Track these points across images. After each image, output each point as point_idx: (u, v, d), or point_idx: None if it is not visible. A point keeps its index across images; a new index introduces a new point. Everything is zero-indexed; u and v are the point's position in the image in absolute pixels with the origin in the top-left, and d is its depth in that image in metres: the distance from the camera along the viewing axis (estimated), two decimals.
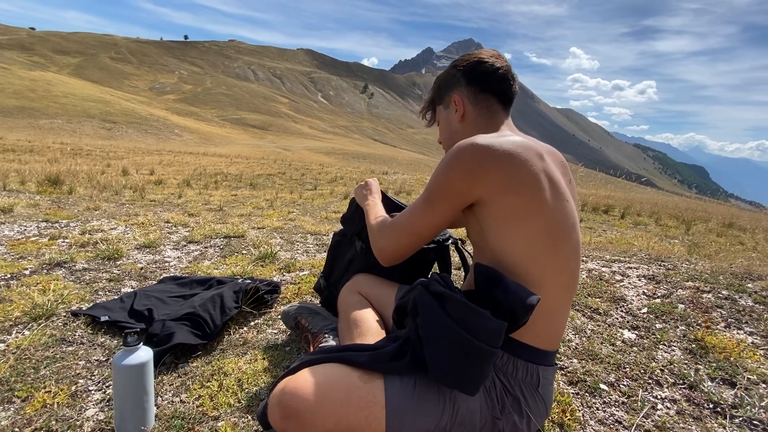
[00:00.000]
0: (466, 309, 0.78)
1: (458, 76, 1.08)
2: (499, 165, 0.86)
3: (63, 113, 46.93)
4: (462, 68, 1.07)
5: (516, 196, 0.86)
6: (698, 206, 10.33)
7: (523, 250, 0.87)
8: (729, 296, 1.94)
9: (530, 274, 0.87)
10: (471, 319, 0.77)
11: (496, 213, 0.88)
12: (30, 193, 4.86)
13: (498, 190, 0.87)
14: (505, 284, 0.82)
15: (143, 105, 77.45)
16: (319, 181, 10.49)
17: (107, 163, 11.03)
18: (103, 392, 1.22)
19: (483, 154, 0.87)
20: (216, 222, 3.55)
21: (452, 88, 1.09)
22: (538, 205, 0.87)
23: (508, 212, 0.87)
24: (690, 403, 1.23)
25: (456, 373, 0.78)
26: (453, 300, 0.80)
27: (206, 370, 1.31)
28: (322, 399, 0.78)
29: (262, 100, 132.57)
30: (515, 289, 0.81)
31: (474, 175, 0.87)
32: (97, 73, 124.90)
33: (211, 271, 2.24)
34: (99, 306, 1.69)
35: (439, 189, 0.92)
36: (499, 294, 0.82)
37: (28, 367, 1.30)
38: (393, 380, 0.83)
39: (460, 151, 0.89)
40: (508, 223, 0.88)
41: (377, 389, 0.81)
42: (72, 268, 2.14)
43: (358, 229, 1.44)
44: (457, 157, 0.89)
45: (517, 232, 0.87)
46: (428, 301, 0.82)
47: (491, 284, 0.84)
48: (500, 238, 0.89)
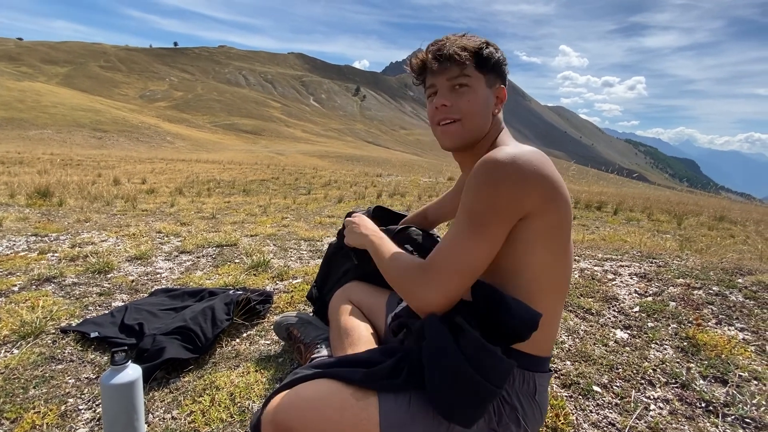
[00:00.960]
0: (482, 348, 0.76)
1: (506, 71, 0.98)
2: (542, 177, 0.82)
3: (53, 123, 46.49)
4: (505, 62, 0.98)
5: (555, 210, 0.83)
6: (690, 200, 10.44)
7: (543, 264, 0.85)
8: (720, 292, 1.96)
9: (542, 286, 0.87)
10: (484, 359, 0.76)
11: (537, 227, 0.82)
12: (19, 206, 4.80)
13: (541, 203, 0.81)
14: (507, 305, 0.80)
15: (134, 113, 76.95)
16: (313, 186, 10.46)
17: (98, 172, 10.94)
18: (93, 411, 1.20)
19: (528, 166, 0.81)
20: (208, 230, 3.52)
21: (503, 78, 0.98)
22: (568, 219, 0.86)
23: (546, 227, 0.83)
24: (682, 402, 1.24)
25: (457, 408, 0.77)
26: (471, 337, 0.77)
27: (198, 385, 1.30)
28: (315, 417, 0.78)
29: (254, 105, 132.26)
30: (518, 310, 0.80)
31: (523, 189, 0.80)
32: (87, 82, 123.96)
33: (203, 282, 2.22)
34: (89, 321, 1.67)
35: (488, 210, 0.80)
36: (502, 315, 0.81)
37: (17, 387, 1.28)
38: (387, 398, 0.81)
39: (499, 164, 0.81)
40: (542, 238, 0.83)
41: (371, 407, 0.80)
42: (61, 283, 2.12)
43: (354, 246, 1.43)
44: (500, 170, 0.80)
45: (547, 247, 0.84)
46: (440, 331, 0.78)
47: (492, 304, 0.82)
48: (527, 254, 0.84)
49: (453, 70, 0.93)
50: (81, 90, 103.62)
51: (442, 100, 0.95)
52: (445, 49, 0.93)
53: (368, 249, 1.04)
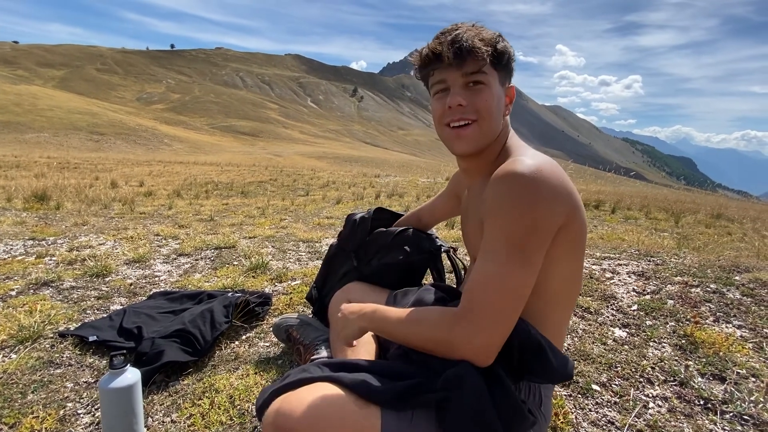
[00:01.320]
0: (517, 409, 0.75)
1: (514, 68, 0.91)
2: (567, 188, 0.79)
3: (49, 127, 46.35)
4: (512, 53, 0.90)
5: (578, 220, 0.81)
6: (687, 198, 10.47)
7: (563, 277, 0.83)
8: (717, 290, 1.97)
9: (560, 299, 0.85)
10: (513, 415, 0.75)
11: (562, 241, 0.79)
12: (16, 210, 4.79)
13: (568, 217, 0.78)
14: (546, 357, 0.79)
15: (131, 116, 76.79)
16: (311, 187, 10.46)
17: (95, 175, 10.91)
18: (93, 415, 1.20)
19: (554, 177, 0.77)
20: (207, 233, 3.52)
21: (512, 75, 0.93)
22: (584, 226, 0.83)
23: (570, 238, 0.80)
24: (681, 400, 1.24)
25: None
26: (508, 393, 0.75)
27: (197, 388, 1.30)
28: (317, 423, 0.76)
29: (252, 106, 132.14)
30: (555, 363, 0.79)
31: (558, 203, 0.76)
32: (83, 84, 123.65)
33: (201, 285, 2.21)
34: (87, 325, 1.66)
35: (528, 232, 0.74)
36: (537, 366, 0.79)
37: (15, 392, 1.28)
38: (390, 412, 0.79)
39: (528, 180, 0.75)
40: (564, 250, 0.80)
41: (373, 416, 0.78)
42: (59, 287, 2.11)
43: (355, 247, 1.44)
44: (531, 186, 0.74)
45: (569, 259, 0.82)
46: (479, 389, 0.74)
47: (528, 351, 0.79)
48: (550, 268, 0.80)
49: (470, 65, 0.83)
50: (77, 93, 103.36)
51: (458, 99, 0.85)
52: (463, 41, 0.82)
53: (375, 328, 0.90)
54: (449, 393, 0.74)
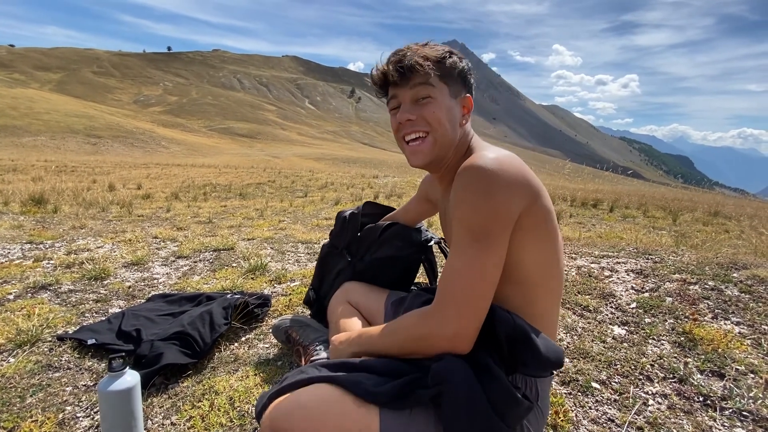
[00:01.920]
0: (510, 396, 0.76)
1: (471, 78, 0.97)
2: (526, 177, 0.83)
3: (46, 130, 46.22)
4: (470, 72, 0.97)
5: (540, 207, 0.85)
6: (684, 196, 10.50)
7: (536, 260, 0.86)
8: (715, 287, 1.97)
9: (538, 286, 0.87)
10: (508, 404, 0.76)
11: (526, 227, 0.83)
12: (14, 214, 4.77)
13: (528, 204, 0.83)
14: (534, 346, 0.80)
15: (128, 118, 76.62)
16: (310, 188, 10.45)
17: (93, 179, 10.88)
18: (92, 418, 1.19)
19: (511, 167, 0.81)
20: (205, 235, 3.51)
21: (469, 87, 0.97)
22: (551, 214, 0.87)
23: (534, 223, 0.84)
24: (680, 397, 1.24)
25: None
26: (501, 384, 0.76)
27: (197, 390, 1.29)
28: (315, 424, 0.76)
29: (249, 108, 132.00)
30: (545, 351, 0.80)
31: (516, 191, 0.80)
32: (80, 88, 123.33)
33: (200, 287, 2.21)
34: (86, 329, 1.66)
35: (489, 220, 0.79)
36: (528, 356, 0.80)
37: (14, 396, 1.27)
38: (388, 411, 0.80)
39: (486, 171, 0.79)
40: (531, 235, 0.84)
41: (371, 415, 0.78)
42: (57, 290, 2.10)
43: (346, 243, 1.44)
44: (489, 176, 0.79)
45: (538, 244, 0.85)
46: (469, 379, 0.76)
47: (517, 341, 0.81)
48: (518, 254, 0.84)
49: (415, 81, 0.90)
50: (74, 96, 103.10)
51: (405, 115, 0.92)
52: (406, 60, 0.89)
53: (364, 350, 0.94)
54: (440, 387, 0.76)
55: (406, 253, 1.36)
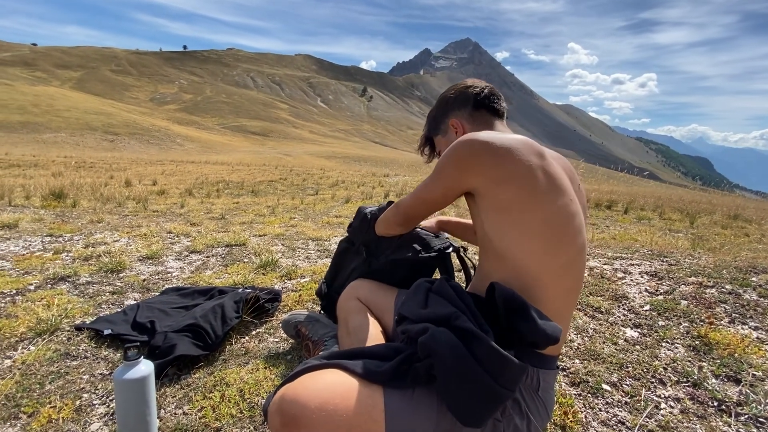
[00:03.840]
0: (496, 355, 0.77)
1: (450, 103, 1.18)
2: (494, 157, 0.91)
3: (66, 127, 47.37)
4: (452, 96, 1.18)
5: (510, 187, 0.89)
6: (702, 198, 10.26)
7: (522, 245, 0.89)
8: (733, 291, 1.93)
9: (531, 271, 0.88)
10: (497, 365, 0.77)
11: (491, 203, 0.92)
12: (35, 208, 4.91)
13: (492, 180, 0.91)
14: (530, 316, 0.81)
15: (145, 116, 78.06)
16: (321, 186, 10.51)
17: (110, 174, 11.12)
18: (107, 406, 1.23)
19: (480, 146, 0.93)
20: (218, 231, 3.56)
21: (447, 115, 1.19)
22: (533, 198, 0.89)
23: (502, 203, 0.91)
24: (694, 401, 1.22)
25: (470, 410, 0.78)
26: (485, 344, 0.78)
27: (208, 381, 1.32)
28: (321, 405, 0.78)
29: (262, 106, 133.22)
30: (541, 323, 0.81)
31: (466, 164, 0.94)
32: (99, 86, 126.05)
33: (212, 281, 2.25)
34: (102, 319, 1.70)
35: (439, 171, 1.01)
36: (523, 325, 0.81)
37: (34, 383, 1.31)
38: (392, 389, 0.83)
39: (459, 143, 0.96)
40: (503, 214, 0.91)
41: (376, 393, 0.81)
42: (76, 281, 2.16)
43: (365, 240, 1.44)
44: (456, 148, 0.96)
45: (514, 225, 0.90)
46: (452, 343, 0.78)
47: (514, 312, 0.83)
48: (498, 231, 0.91)
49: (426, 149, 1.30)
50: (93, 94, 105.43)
51: None
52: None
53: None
54: (430, 360, 0.79)
55: (423, 258, 1.36)
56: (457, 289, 0.90)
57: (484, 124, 1.14)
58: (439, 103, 1.22)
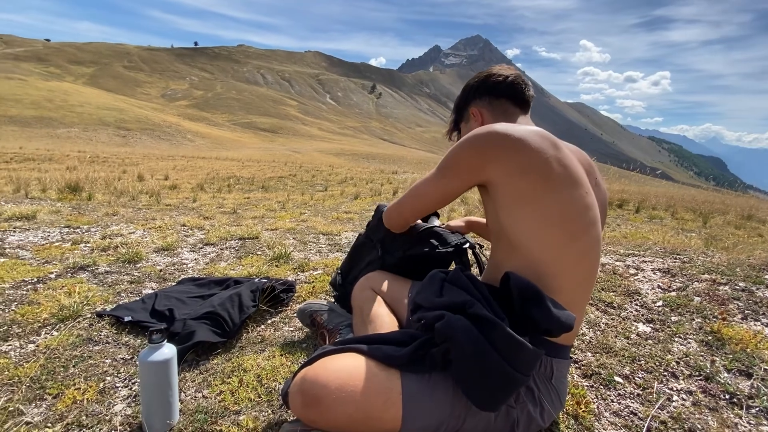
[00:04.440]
0: (512, 341, 0.79)
1: (472, 92, 1.18)
2: (510, 146, 0.91)
3: (79, 122, 48.09)
4: (474, 84, 1.18)
5: (527, 178, 0.89)
6: (716, 198, 10.10)
7: (537, 236, 0.89)
8: (746, 288, 1.92)
9: (545, 262, 0.89)
10: (513, 350, 0.78)
11: (508, 194, 0.92)
12: (51, 201, 5.01)
13: (508, 172, 0.91)
14: (545, 304, 0.83)
15: (156, 112, 78.89)
16: (330, 183, 10.56)
17: (123, 169, 11.29)
18: (130, 389, 1.27)
19: (496, 136, 0.93)
20: (230, 224, 3.61)
21: (469, 103, 1.19)
22: (548, 189, 0.89)
23: (519, 194, 0.90)
24: (706, 394, 1.23)
25: (486, 394, 0.80)
26: (501, 330, 0.79)
27: (226, 367, 1.35)
28: (341, 386, 0.81)
29: (272, 103, 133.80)
30: (555, 311, 0.82)
31: (485, 154, 0.93)
32: (111, 81, 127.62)
33: (227, 272, 2.29)
34: (122, 307, 1.75)
35: (450, 162, 0.99)
36: (537, 312, 0.83)
37: (58, 366, 1.36)
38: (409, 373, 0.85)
39: (475, 133, 0.96)
40: (519, 204, 0.91)
41: (394, 376, 0.84)
42: (95, 271, 2.22)
43: (381, 237, 1.46)
44: (472, 138, 0.95)
45: (530, 215, 0.90)
46: (468, 329, 0.80)
47: (529, 300, 0.84)
48: (514, 222, 0.91)
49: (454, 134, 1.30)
50: (106, 89, 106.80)
51: None
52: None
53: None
54: (446, 345, 0.81)
55: (439, 254, 1.37)
56: (472, 278, 0.92)
57: (503, 114, 1.13)
58: (463, 91, 1.22)
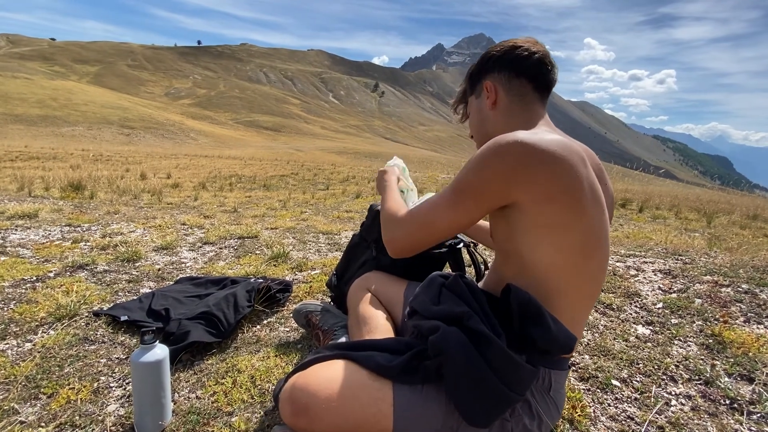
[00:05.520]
0: (508, 360, 0.76)
1: (491, 62, 1.01)
2: (544, 168, 0.78)
3: (84, 121, 48.36)
4: (495, 54, 1.00)
5: (557, 205, 0.80)
6: (721, 198, 10.02)
7: (554, 262, 0.83)
8: (749, 290, 1.89)
9: (557, 285, 0.85)
10: (508, 370, 0.76)
11: (534, 220, 0.81)
12: (54, 199, 5.04)
13: (539, 196, 0.79)
14: (545, 323, 0.79)
15: (160, 110, 79.20)
16: (331, 181, 10.56)
17: (126, 168, 11.33)
18: (124, 389, 1.26)
19: (527, 153, 0.78)
20: (230, 223, 3.61)
21: (484, 74, 1.02)
22: (578, 216, 0.81)
23: (547, 221, 0.81)
24: (705, 399, 1.21)
25: (478, 411, 0.77)
26: (497, 348, 0.76)
27: (221, 367, 1.35)
28: (331, 396, 0.79)
29: (274, 102, 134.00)
30: (555, 331, 0.79)
31: (515, 177, 0.79)
32: (115, 80, 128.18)
33: (225, 271, 2.28)
34: (119, 306, 1.75)
35: (471, 186, 0.84)
36: (536, 332, 0.79)
37: (53, 365, 1.36)
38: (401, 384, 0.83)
39: (500, 147, 0.80)
40: (544, 232, 0.82)
41: (386, 387, 0.81)
42: (94, 270, 2.22)
43: (375, 237, 1.45)
44: (498, 154, 0.80)
45: (553, 243, 0.82)
46: (463, 344, 0.77)
47: (529, 318, 0.80)
48: (533, 248, 0.83)
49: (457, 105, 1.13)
50: (110, 88, 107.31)
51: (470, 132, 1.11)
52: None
53: (381, 193, 1.19)
54: (440, 359, 0.78)
55: (433, 253, 1.36)
56: (471, 286, 0.88)
57: (519, 98, 0.99)
58: (481, 59, 1.04)
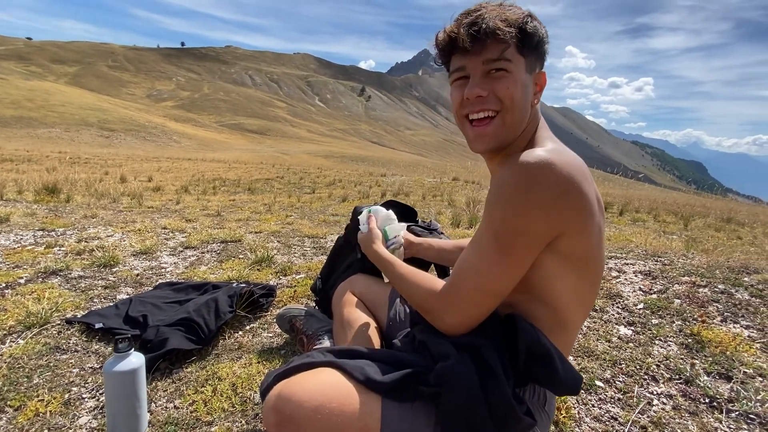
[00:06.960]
0: (510, 408, 0.72)
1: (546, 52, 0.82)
2: (581, 195, 0.71)
3: (61, 122, 47.02)
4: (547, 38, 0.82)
5: (585, 239, 0.74)
6: (697, 201, 10.34)
7: (567, 290, 0.78)
8: (725, 290, 1.94)
9: (572, 318, 0.82)
10: (509, 419, 0.72)
11: (558, 256, 0.74)
12: (27, 202, 4.85)
13: (571, 231, 0.72)
14: (553, 365, 0.74)
15: (141, 112, 77.61)
16: (318, 185, 10.49)
17: (105, 170, 11.04)
18: (97, 399, 1.21)
19: (565, 177, 0.70)
20: (213, 227, 3.54)
21: (543, 60, 0.83)
22: (598, 249, 0.77)
23: (565, 255, 0.75)
24: (686, 398, 1.23)
25: None
26: (503, 393, 0.72)
27: (200, 375, 1.31)
28: (317, 407, 0.76)
29: (260, 105, 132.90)
30: (563, 373, 0.75)
31: (558, 206, 0.70)
32: (95, 81, 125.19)
33: (207, 276, 2.23)
34: (94, 313, 1.68)
35: (517, 231, 0.71)
36: (543, 374, 0.76)
37: (21, 376, 1.29)
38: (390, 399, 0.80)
39: (533, 175, 0.69)
40: (567, 265, 0.76)
41: (374, 401, 0.78)
42: (67, 275, 2.14)
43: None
44: (533, 182, 0.69)
45: (571, 275, 0.77)
46: (471, 383, 0.72)
47: (536, 360, 0.76)
48: (549, 279, 0.77)
49: (491, 50, 0.75)
50: (89, 89, 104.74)
51: (476, 90, 0.78)
52: (483, 23, 0.74)
53: (382, 270, 1.00)
54: (440, 389, 0.74)
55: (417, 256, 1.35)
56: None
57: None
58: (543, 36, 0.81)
